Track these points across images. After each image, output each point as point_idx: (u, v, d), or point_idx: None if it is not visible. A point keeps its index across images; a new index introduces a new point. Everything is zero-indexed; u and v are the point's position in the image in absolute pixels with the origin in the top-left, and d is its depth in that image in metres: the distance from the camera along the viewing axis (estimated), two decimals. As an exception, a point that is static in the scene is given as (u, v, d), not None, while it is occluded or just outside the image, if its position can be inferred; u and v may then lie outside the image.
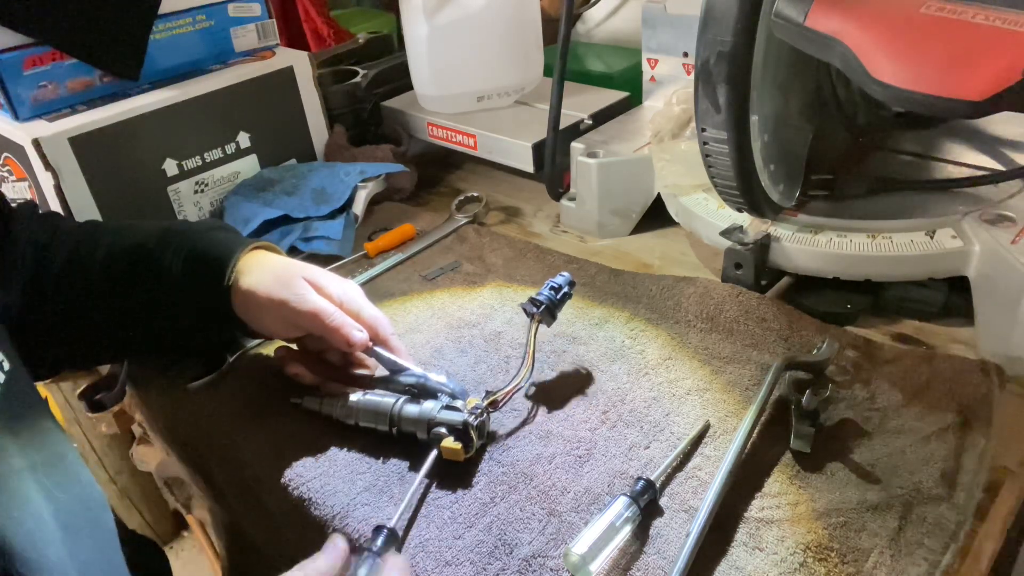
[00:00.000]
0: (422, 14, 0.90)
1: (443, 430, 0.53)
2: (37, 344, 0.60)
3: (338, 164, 0.91)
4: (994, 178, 0.67)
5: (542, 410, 0.59)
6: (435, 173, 1.03)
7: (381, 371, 0.62)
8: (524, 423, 0.58)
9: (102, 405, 0.68)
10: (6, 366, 0.45)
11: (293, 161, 0.94)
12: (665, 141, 0.78)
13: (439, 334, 0.68)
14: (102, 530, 0.47)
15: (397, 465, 0.55)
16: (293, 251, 0.81)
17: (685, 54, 0.85)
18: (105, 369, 0.70)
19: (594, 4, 1.12)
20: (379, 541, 0.47)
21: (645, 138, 0.83)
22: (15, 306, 0.59)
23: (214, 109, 0.85)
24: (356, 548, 0.47)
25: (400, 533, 0.49)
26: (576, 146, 0.84)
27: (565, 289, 0.61)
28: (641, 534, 0.48)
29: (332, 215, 0.84)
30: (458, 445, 0.52)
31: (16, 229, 0.61)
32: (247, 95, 0.88)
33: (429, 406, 0.55)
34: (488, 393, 0.57)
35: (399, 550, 0.48)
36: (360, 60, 1.12)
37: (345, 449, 0.57)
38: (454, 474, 0.54)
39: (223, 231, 0.66)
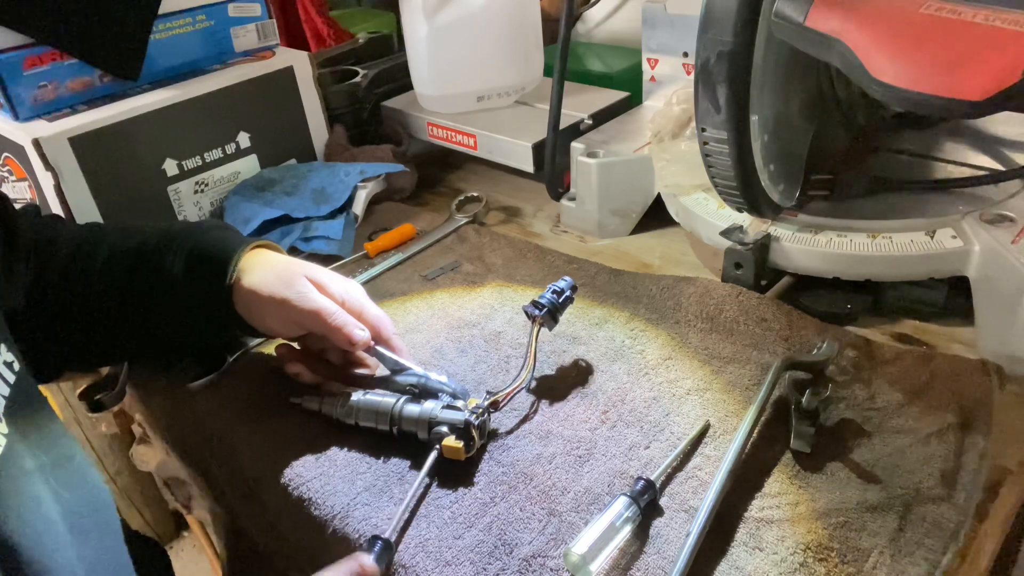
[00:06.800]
0: (422, 14, 0.90)
1: (444, 429, 0.53)
2: (40, 346, 0.60)
3: (338, 164, 0.91)
4: (994, 178, 0.67)
5: (542, 410, 0.59)
6: (435, 173, 1.03)
7: (381, 371, 0.62)
8: (524, 423, 0.58)
9: (102, 405, 0.68)
10: (16, 367, 0.45)
11: (293, 161, 0.94)
12: (665, 141, 0.78)
13: (439, 334, 0.68)
14: (109, 531, 0.47)
15: (397, 465, 0.55)
16: (293, 251, 0.81)
17: (685, 54, 0.85)
18: (105, 369, 0.70)
19: (594, 4, 1.12)
20: (373, 554, 0.46)
21: (645, 138, 0.83)
22: (19, 308, 0.59)
23: (214, 109, 0.85)
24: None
25: (394, 542, 0.49)
26: (576, 146, 0.84)
27: (567, 293, 0.62)
28: (641, 534, 0.48)
29: (332, 215, 0.84)
30: (459, 444, 0.52)
31: (19, 231, 0.62)
32: (247, 95, 0.88)
33: (430, 406, 0.55)
34: (489, 393, 0.57)
35: (391, 560, 0.48)
36: (360, 60, 1.12)
37: (345, 449, 0.57)
38: (454, 474, 0.54)
39: (224, 230, 0.66)
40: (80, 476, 0.47)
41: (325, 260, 0.80)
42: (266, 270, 0.60)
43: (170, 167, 0.83)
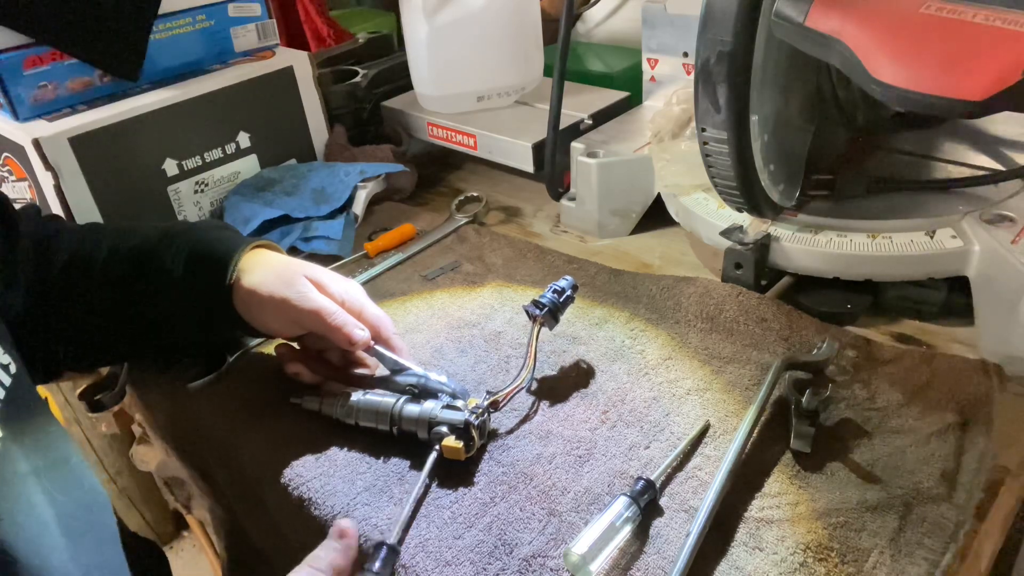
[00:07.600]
0: (422, 14, 0.90)
1: (444, 429, 0.53)
2: (39, 347, 0.60)
3: (338, 164, 0.91)
4: (994, 178, 0.67)
5: (542, 410, 0.59)
6: (435, 173, 1.03)
7: (381, 371, 0.62)
8: (524, 423, 0.58)
9: (102, 405, 0.68)
10: (12, 369, 0.45)
11: (293, 161, 0.94)
12: (665, 141, 0.78)
13: (439, 334, 0.68)
14: (105, 534, 0.47)
15: (397, 465, 0.55)
16: (293, 251, 0.81)
17: (685, 54, 0.85)
18: (105, 369, 0.70)
19: (594, 4, 1.12)
20: (378, 561, 0.46)
21: (645, 138, 0.83)
22: (18, 308, 0.59)
23: (214, 109, 0.85)
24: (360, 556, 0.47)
25: (399, 547, 0.48)
26: (576, 146, 0.84)
27: (568, 292, 0.62)
28: (641, 534, 0.48)
29: (332, 215, 0.84)
30: (459, 444, 0.52)
31: (19, 232, 0.61)
32: (247, 95, 0.88)
33: (430, 406, 0.55)
34: (489, 393, 0.57)
35: (395, 564, 0.48)
36: (360, 60, 1.12)
37: (345, 449, 0.57)
38: (454, 474, 0.54)
39: (224, 230, 0.66)
40: (76, 479, 0.46)
41: (325, 260, 0.80)
42: (266, 270, 0.60)
43: (170, 167, 0.83)
